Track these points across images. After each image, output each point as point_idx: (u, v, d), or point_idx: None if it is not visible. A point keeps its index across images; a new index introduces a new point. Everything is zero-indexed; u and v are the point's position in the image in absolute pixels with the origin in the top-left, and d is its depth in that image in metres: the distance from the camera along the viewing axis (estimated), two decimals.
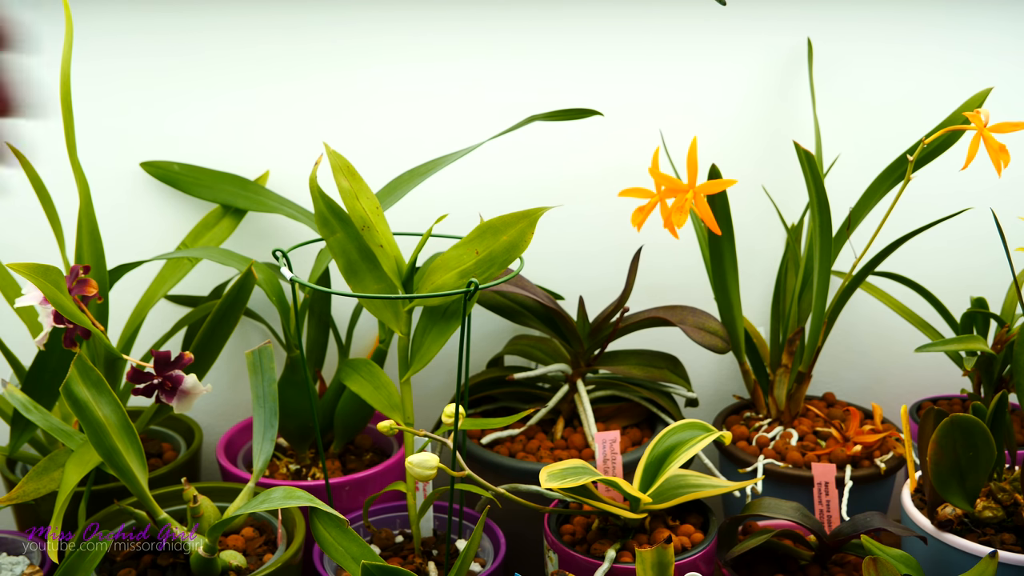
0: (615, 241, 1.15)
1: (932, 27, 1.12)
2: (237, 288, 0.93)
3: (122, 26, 1.04)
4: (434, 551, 0.93)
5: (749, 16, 1.11)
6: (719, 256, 1.04)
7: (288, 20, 1.07)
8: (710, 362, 1.21)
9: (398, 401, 0.87)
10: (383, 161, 1.07)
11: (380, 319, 0.83)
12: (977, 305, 1.05)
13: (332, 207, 0.81)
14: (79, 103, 0.99)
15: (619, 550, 0.85)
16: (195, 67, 1.07)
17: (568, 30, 1.10)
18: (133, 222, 1.09)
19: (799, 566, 0.89)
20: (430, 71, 1.10)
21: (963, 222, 1.07)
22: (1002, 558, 0.80)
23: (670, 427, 0.89)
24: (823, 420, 1.09)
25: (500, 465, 1.00)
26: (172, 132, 1.08)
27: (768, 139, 1.15)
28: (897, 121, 1.13)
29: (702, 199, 0.94)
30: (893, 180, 1.01)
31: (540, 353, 1.10)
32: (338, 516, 0.78)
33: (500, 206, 1.08)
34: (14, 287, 0.93)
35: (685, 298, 1.12)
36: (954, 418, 0.81)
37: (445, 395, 1.20)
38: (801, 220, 1.11)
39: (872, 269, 1.03)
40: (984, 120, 0.91)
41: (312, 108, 1.09)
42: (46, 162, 0.96)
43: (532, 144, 1.12)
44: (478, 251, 0.80)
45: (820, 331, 1.04)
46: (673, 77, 1.12)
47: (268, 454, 0.87)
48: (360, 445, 1.11)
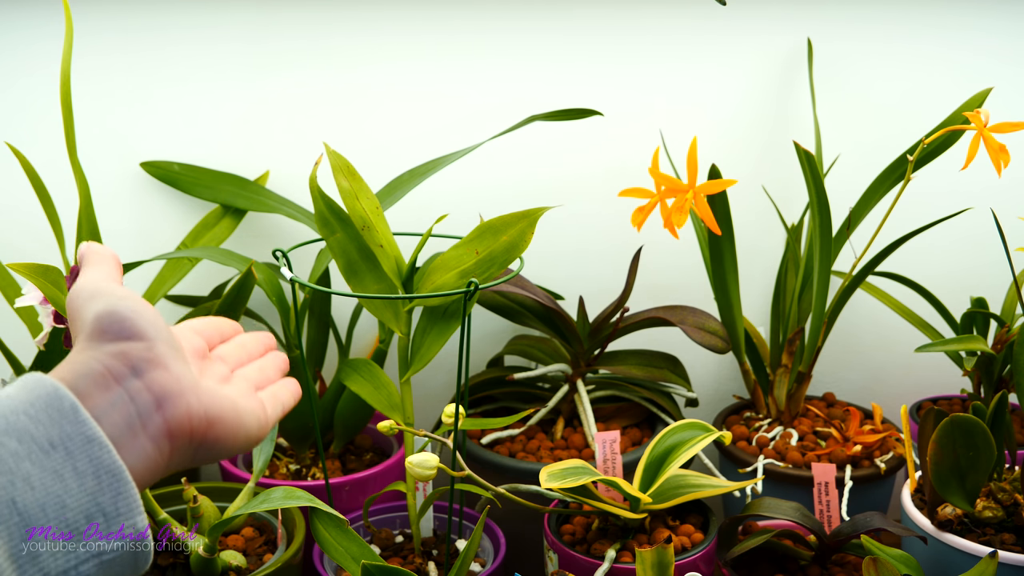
0: (615, 241, 1.15)
1: (932, 27, 1.12)
2: (237, 288, 0.93)
3: (122, 24, 1.04)
4: (434, 551, 0.93)
5: (749, 16, 1.11)
6: (719, 256, 1.04)
7: (288, 20, 1.07)
8: (710, 362, 1.21)
9: (398, 401, 0.87)
10: (383, 161, 1.07)
11: (380, 319, 0.83)
12: (977, 305, 1.05)
13: (332, 207, 0.81)
14: (79, 102, 0.99)
15: (619, 550, 0.85)
16: (196, 66, 1.07)
17: (568, 30, 1.10)
18: (133, 222, 1.09)
19: (799, 566, 0.89)
20: (430, 71, 1.10)
21: (963, 222, 1.07)
22: (1002, 558, 0.80)
23: (670, 427, 0.89)
24: (823, 420, 1.09)
25: (500, 465, 1.00)
26: (172, 132, 1.08)
27: (768, 139, 1.15)
28: (897, 121, 1.13)
29: (702, 199, 0.94)
30: (893, 180, 1.01)
31: (540, 353, 1.10)
32: (338, 516, 0.78)
33: (500, 206, 1.08)
34: (14, 287, 0.93)
35: (685, 298, 1.12)
36: (954, 418, 0.81)
37: (445, 395, 1.20)
38: (801, 220, 1.11)
39: (872, 269, 1.03)
40: (984, 120, 0.91)
41: (312, 108, 1.09)
42: (46, 162, 0.96)
43: (532, 144, 1.12)
44: (478, 251, 0.80)
45: (820, 331, 1.04)
46: (673, 77, 1.13)
47: (268, 454, 0.87)
48: (360, 445, 1.11)
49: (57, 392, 0.43)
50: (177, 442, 0.47)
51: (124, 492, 0.43)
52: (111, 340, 0.47)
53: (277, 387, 0.58)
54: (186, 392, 0.47)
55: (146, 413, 0.46)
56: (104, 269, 0.53)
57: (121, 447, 0.44)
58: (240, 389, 0.53)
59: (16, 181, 0.95)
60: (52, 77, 1.01)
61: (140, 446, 0.45)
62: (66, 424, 0.42)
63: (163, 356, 0.47)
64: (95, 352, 0.46)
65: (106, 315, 0.48)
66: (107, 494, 0.42)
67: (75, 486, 0.42)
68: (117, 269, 0.54)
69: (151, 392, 0.46)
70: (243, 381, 0.55)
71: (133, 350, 0.47)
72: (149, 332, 0.48)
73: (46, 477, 0.41)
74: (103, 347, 0.47)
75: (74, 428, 0.42)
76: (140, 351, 0.47)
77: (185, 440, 0.47)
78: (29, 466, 0.41)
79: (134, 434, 0.45)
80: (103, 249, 0.55)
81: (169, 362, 0.47)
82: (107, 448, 0.43)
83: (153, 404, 0.46)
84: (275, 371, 0.59)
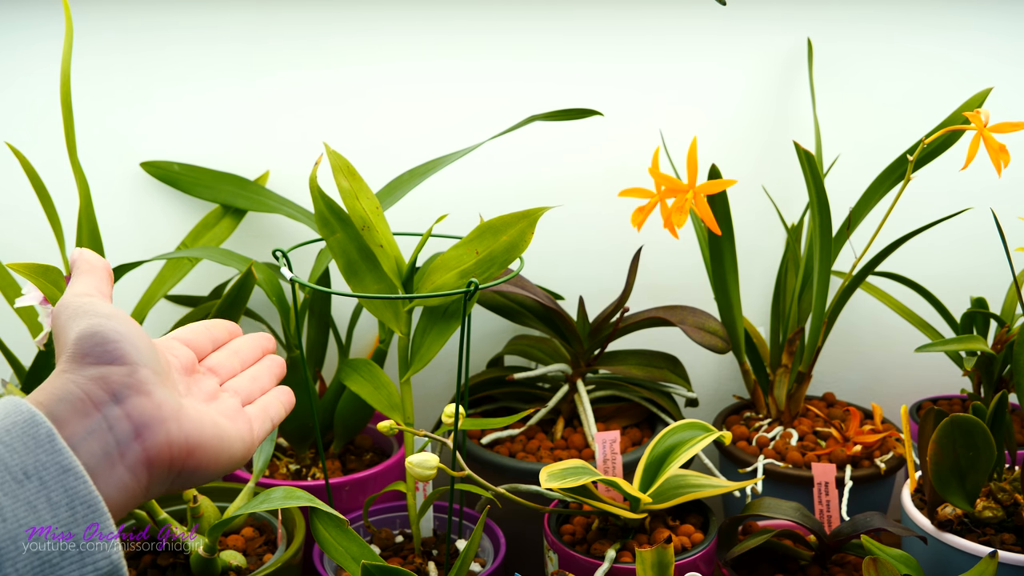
0: (615, 241, 1.15)
1: (932, 27, 1.12)
2: (237, 288, 0.93)
3: (122, 24, 1.04)
4: (434, 551, 0.93)
5: (749, 16, 1.11)
6: (719, 256, 1.04)
7: (288, 20, 1.07)
8: (710, 362, 1.21)
9: (398, 401, 0.87)
10: (383, 161, 1.07)
11: (380, 319, 0.83)
12: (977, 305, 1.05)
13: (332, 207, 0.81)
14: (79, 102, 0.99)
15: (619, 550, 0.85)
16: (196, 66, 1.07)
17: (568, 30, 1.10)
18: (133, 222, 1.09)
19: (799, 566, 0.89)
20: (430, 71, 1.10)
21: (963, 222, 1.07)
22: (1002, 558, 0.80)
23: (670, 427, 0.89)
24: (823, 420, 1.09)
25: (500, 465, 1.00)
26: (172, 132, 1.08)
27: (768, 139, 1.15)
28: (897, 121, 1.13)
29: (702, 199, 0.94)
30: (893, 180, 1.01)
31: (540, 353, 1.10)
32: (338, 516, 0.78)
33: (500, 206, 1.08)
34: (14, 287, 0.93)
35: (685, 298, 1.12)
36: (954, 418, 0.81)
37: (445, 395, 1.20)
38: (801, 220, 1.11)
39: (872, 269, 1.03)
40: (984, 120, 0.91)
41: (312, 108, 1.09)
42: (46, 162, 0.96)
43: (532, 144, 1.12)
44: (478, 251, 0.80)
45: (820, 331, 1.04)
46: (673, 77, 1.13)
47: (268, 454, 0.87)
48: (360, 445, 1.11)
49: (34, 419, 0.42)
50: (156, 471, 0.46)
51: (99, 524, 0.42)
52: (92, 364, 0.46)
53: (269, 398, 0.57)
54: (167, 420, 0.46)
55: (125, 442, 0.45)
56: (93, 281, 0.52)
57: (97, 477, 0.43)
58: (227, 408, 0.52)
59: (16, 181, 0.95)
60: (52, 77, 1.01)
61: (117, 476, 0.44)
62: (41, 453, 0.41)
63: (145, 382, 0.46)
64: (75, 376, 0.45)
65: (88, 336, 0.46)
66: (81, 526, 0.41)
67: (48, 517, 0.41)
68: (107, 281, 0.53)
69: (131, 420, 0.45)
70: (232, 397, 0.54)
71: (114, 375, 0.45)
72: (132, 356, 0.46)
73: (19, 508, 0.40)
74: (83, 371, 0.45)
75: (49, 457, 0.41)
76: (121, 376, 0.46)
77: (164, 469, 0.46)
78: (1, 497, 0.40)
79: (111, 464, 0.44)
80: (94, 259, 0.54)
81: (151, 388, 0.46)
82: (83, 478, 0.42)
83: (132, 433, 0.45)
84: (270, 378, 0.58)
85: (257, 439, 0.53)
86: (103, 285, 0.52)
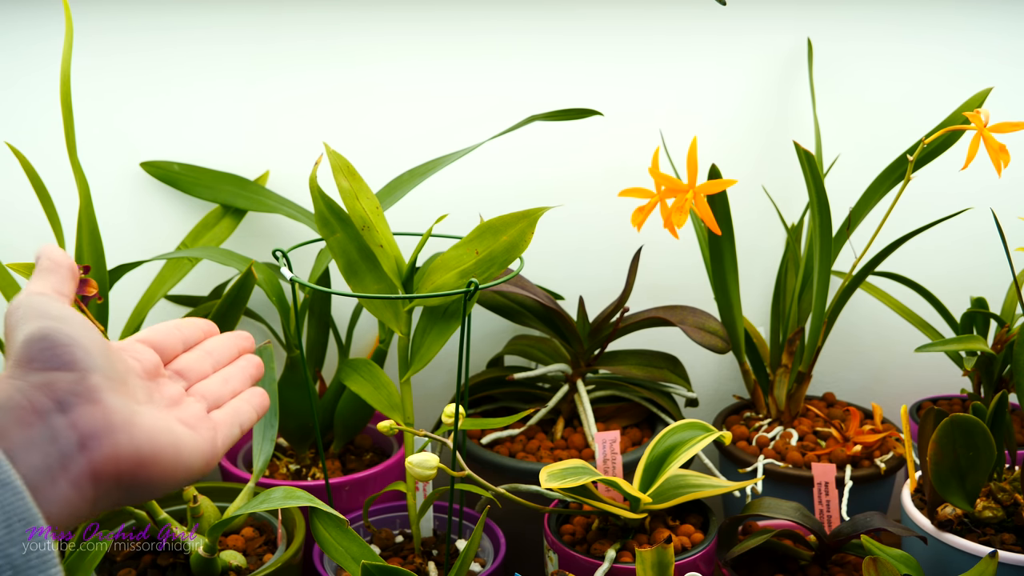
0: (615, 241, 1.15)
1: (932, 27, 1.12)
2: (237, 288, 0.93)
3: (122, 24, 1.04)
4: (434, 551, 0.93)
5: (749, 16, 1.11)
6: (719, 256, 1.04)
7: (289, 20, 1.06)
8: (710, 362, 1.21)
9: (398, 401, 0.87)
10: (383, 161, 1.07)
11: (380, 319, 0.83)
12: (977, 305, 1.05)
13: (332, 207, 0.81)
14: (79, 102, 0.99)
15: (619, 550, 0.85)
16: (195, 67, 1.07)
17: (568, 30, 1.10)
18: (133, 222, 1.09)
19: (799, 566, 0.89)
20: (430, 71, 1.10)
21: (963, 222, 1.07)
22: (1002, 558, 0.80)
23: (670, 427, 0.89)
24: (823, 420, 1.09)
25: (500, 465, 1.00)
26: (172, 132, 1.08)
27: (768, 139, 1.15)
28: (897, 121, 1.13)
29: (702, 199, 0.94)
30: (893, 180, 1.01)
31: (540, 353, 1.10)
32: (338, 516, 0.78)
33: (500, 206, 1.08)
34: (14, 287, 0.93)
35: (685, 298, 1.12)
36: (954, 418, 0.81)
37: (445, 395, 1.20)
38: (801, 220, 1.11)
39: (872, 269, 1.03)
40: (984, 120, 0.91)
41: (312, 108, 1.09)
42: (46, 162, 0.96)
43: (532, 144, 1.12)
44: (478, 251, 0.80)
45: (820, 331, 1.04)
46: (673, 77, 1.13)
47: (268, 454, 0.87)
48: (360, 445, 1.11)
49: None
50: (102, 485, 0.43)
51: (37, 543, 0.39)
52: (39, 369, 0.43)
53: (239, 402, 0.53)
54: (116, 430, 0.43)
55: (68, 454, 0.41)
56: (52, 280, 0.48)
57: (38, 491, 0.40)
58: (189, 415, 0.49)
59: (16, 181, 0.95)
60: (52, 77, 1.01)
61: (59, 491, 0.41)
62: None
63: (95, 389, 0.43)
64: (20, 382, 0.42)
65: (36, 340, 0.43)
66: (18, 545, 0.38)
67: None
68: (68, 280, 0.49)
69: (76, 430, 0.42)
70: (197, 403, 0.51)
71: (61, 382, 0.42)
72: (82, 361, 0.43)
73: None
74: (29, 376, 0.42)
75: None
76: (68, 384, 0.43)
77: (111, 482, 0.43)
78: None
79: (53, 478, 0.41)
80: (58, 255, 0.50)
81: (102, 395, 0.43)
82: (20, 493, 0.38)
83: (77, 444, 0.42)
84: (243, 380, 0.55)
85: (220, 450, 0.49)
86: (63, 285, 0.49)
